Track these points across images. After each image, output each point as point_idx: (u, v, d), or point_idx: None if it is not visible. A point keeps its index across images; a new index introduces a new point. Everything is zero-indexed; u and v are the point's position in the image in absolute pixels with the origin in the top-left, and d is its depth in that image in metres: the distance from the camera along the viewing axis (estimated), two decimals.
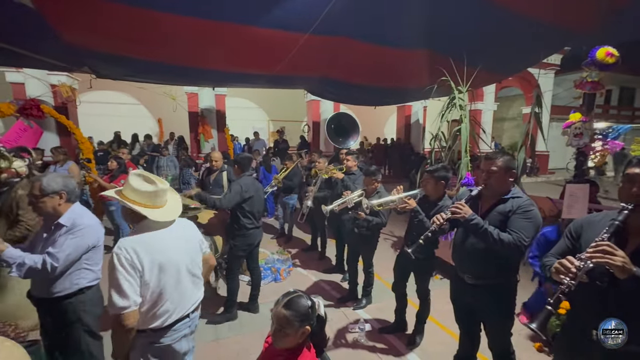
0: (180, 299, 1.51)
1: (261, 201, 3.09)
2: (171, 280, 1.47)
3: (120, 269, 1.32)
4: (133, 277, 1.34)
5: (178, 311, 1.51)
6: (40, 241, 1.66)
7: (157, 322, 1.45)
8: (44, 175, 1.64)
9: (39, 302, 1.72)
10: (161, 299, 1.44)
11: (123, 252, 1.34)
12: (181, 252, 1.54)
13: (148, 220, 1.45)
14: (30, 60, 4.85)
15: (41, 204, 1.59)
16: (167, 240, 1.48)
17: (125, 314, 1.32)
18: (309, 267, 4.27)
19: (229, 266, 3.01)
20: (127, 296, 1.32)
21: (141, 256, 1.36)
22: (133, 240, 1.39)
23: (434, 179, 2.43)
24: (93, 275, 1.77)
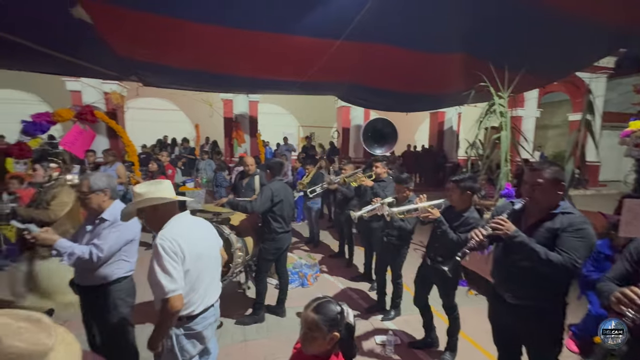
0: (209, 287, 1.63)
1: (291, 206, 3.12)
2: (204, 269, 1.58)
3: (166, 256, 1.41)
4: (177, 263, 1.43)
5: (208, 299, 1.62)
6: (84, 233, 1.81)
7: (191, 308, 1.54)
8: (90, 175, 1.79)
9: (82, 289, 1.86)
10: (196, 286, 1.54)
11: (166, 241, 1.43)
12: (209, 244, 1.65)
13: (176, 219, 1.55)
14: (88, 70, 5.36)
15: (88, 200, 1.74)
16: (197, 234, 1.59)
17: (173, 297, 1.40)
18: (336, 274, 4.23)
19: (257, 268, 3.06)
20: (175, 280, 1.41)
21: (182, 245, 1.46)
22: (170, 232, 1.48)
23: (459, 189, 2.31)
24: (129, 267, 1.90)
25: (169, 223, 1.53)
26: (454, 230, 2.29)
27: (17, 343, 0.69)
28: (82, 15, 3.75)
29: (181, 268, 1.45)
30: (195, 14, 3.91)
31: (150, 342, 1.49)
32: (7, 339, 0.68)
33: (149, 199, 1.48)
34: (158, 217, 1.53)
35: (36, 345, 0.71)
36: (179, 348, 1.54)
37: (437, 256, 2.41)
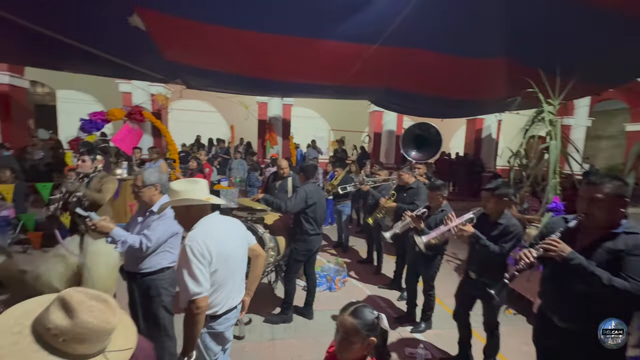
0: (233, 289, 1.64)
1: (323, 208, 3.14)
2: (230, 270, 1.60)
3: (193, 259, 1.44)
4: (204, 266, 1.46)
5: (231, 301, 1.64)
6: (136, 224, 1.95)
7: (216, 308, 1.58)
8: (144, 170, 1.93)
9: (130, 275, 2.00)
10: (221, 287, 1.57)
11: (195, 243, 1.45)
12: (236, 246, 1.66)
13: (206, 218, 1.58)
14: (139, 73, 5.78)
15: (141, 193, 1.88)
16: (225, 234, 1.60)
17: (198, 299, 1.44)
18: (364, 280, 4.17)
19: (287, 269, 3.11)
20: (200, 283, 1.44)
21: (210, 247, 1.48)
22: (200, 233, 1.51)
23: (495, 197, 2.20)
24: (172, 258, 2.01)
25: (200, 223, 1.56)
26: (494, 241, 2.17)
27: (89, 319, 0.76)
28: (137, 23, 4.06)
29: (207, 270, 1.47)
30: (237, 21, 4.08)
31: (185, 346, 1.51)
32: (81, 314, 0.75)
33: (184, 199, 1.52)
34: (190, 217, 1.56)
35: (104, 323, 0.78)
36: (204, 347, 1.59)
37: (481, 270, 2.28)
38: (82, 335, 0.75)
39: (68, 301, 0.75)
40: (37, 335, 0.75)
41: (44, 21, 3.81)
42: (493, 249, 2.14)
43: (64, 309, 0.75)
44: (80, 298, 0.77)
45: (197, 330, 1.50)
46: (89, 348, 0.77)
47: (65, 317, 0.74)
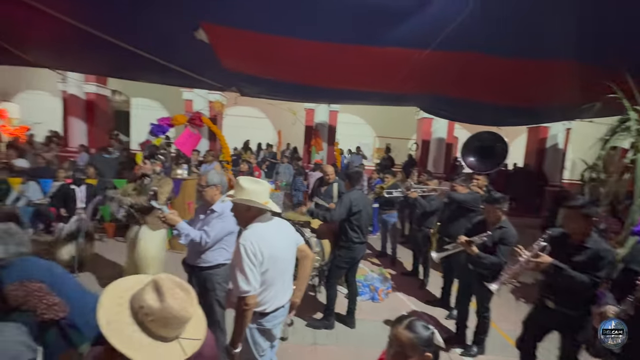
0: (282, 288, 1.69)
1: (369, 216, 3.09)
2: (279, 271, 1.65)
3: (246, 258, 1.51)
4: (255, 266, 1.53)
5: (279, 300, 1.69)
6: (198, 221, 2.11)
7: (265, 306, 1.64)
8: (209, 172, 2.09)
9: (190, 268, 2.16)
10: (271, 286, 1.63)
11: (248, 243, 1.53)
12: (285, 247, 1.71)
13: (260, 218, 1.64)
14: (200, 82, 6.31)
15: (204, 192, 2.04)
16: (276, 236, 1.66)
17: (247, 297, 1.52)
18: (409, 294, 4.00)
19: (329, 274, 3.11)
20: (250, 282, 1.51)
21: (262, 248, 1.55)
22: (254, 234, 1.58)
23: (582, 216, 1.91)
24: (228, 255, 2.13)
25: (255, 223, 1.63)
26: (580, 268, 1.87)
27: (174, 305, 0.84)
28: (202, 37, 4.44)
29: (258, 270, 1.54)
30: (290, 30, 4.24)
31: (233, 338, 1.59)
32: (168, 299, 0.83)
33: (249, 200, 1.58)
34: (249, 215, 1.64)
35: (183, 311, 0.85)
36: (253, 341, 1.66)
37: (562, 299, 1.99)
38: (166, 319, 0.83)
39: (160, 285, 0.84)
40: (132, 310, 0.85)
41: (126, 38, 4.35)
42: (581, 279, 1.84)
43: (157, 292, 0.84)
44: (169, 284, 0.86)
45: (244, 324, 1.58)
46: (168, 332, 0.85)
47: (157, 299, 0.83)
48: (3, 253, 1.44)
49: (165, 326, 0.84)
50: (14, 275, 1.42)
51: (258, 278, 1.54)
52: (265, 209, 1.64)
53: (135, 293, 0.86)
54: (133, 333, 0.82)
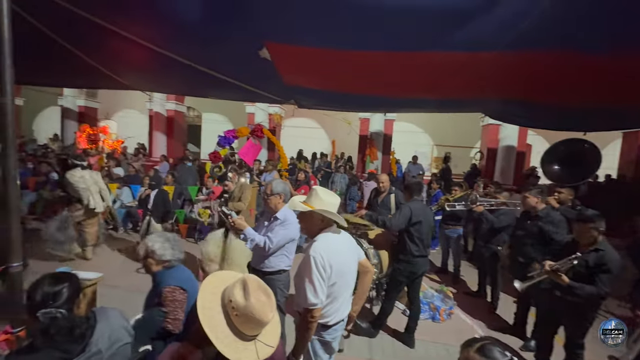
0: (344, 302, 1.68)
1: (431, 228, 2.93)
2: (343, 284, 1.64)
3: (315, 271, 1.52)
4: (324, 279, 1.53)
5: (340, 313, 1.68)
6: (262, 227, 2.23)
7: (328, 319, 1.64)
8: (273, 181, 2.21)
9: (254, 271, 2.28)
10: (335, 299, 1.62)
11: (318, 256, 1.54)
12: (350, 263, 1.70)
13: (328, 231, 1.64)
14: (262, 97, 6.76)
15: (268, 200, 2.15)
16: (343, 250, 1.65)
17: (314, 310, 1.52)
18: (474, 317, 3.66)
19: (388, 288, 3.01)
20: (318, 295, 1.52)
21: (331, 262, 1.55)
22: (324, 246, 1.59)
23: None
24: (288, 262, 2.20)
25: (323, 235, 1.63)
26: None
27: (256, 305, 0.91)
28: (265, 55, 4.78)
29: (326, 284, 1.54)
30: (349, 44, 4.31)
31: (296, 349, 1.60)
32: (252, 298, 0.91)
33: (327, 211, 1.60)
34: (319, 226, 1.66)
35: (263, 314, 0.92)
36: (313, 353, 1.67)
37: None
38: (247, 316, 0.90)
39: (247, 285, 0.93)
40: (223, 301, 0.95)
41: (201, 61, 4.89)
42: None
43: (244, 290, 0.92)
44: (255, 286, 0.94)
45: (308, 336, 1.59)
46: (249, 330, 0.92)
47: (243, 296, 0.91)
48: (170, 256, 1.70)
49: (246, 323, 0.90)
50: (170, 278, 1.67)
51: (325, 291, 1.55)
52: (337, 222, 1.65)
53: (228, 286, 0.96)
54: (220, 322, 0.91)
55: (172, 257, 1.73)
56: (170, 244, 1.74)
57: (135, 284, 3.80)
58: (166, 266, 1.73)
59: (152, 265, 1.73)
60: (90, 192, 4.29)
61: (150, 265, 1.74)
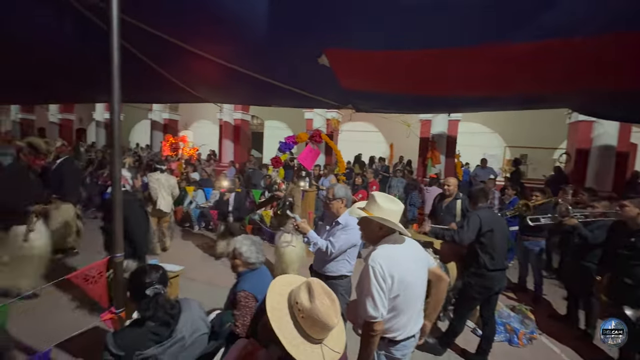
0: (413, 316, 1.57)
1: (505, 238, 2.62)
2: (411, 297, 1.53)
3: (374, 281, 1.44)
4: (384, 292, 1.44)
5: (409, 329, 1.57)
6: (324, 231, 2.25)
7: (394, 333, 1.54)
8: (335, 185, 2.22)
9: (316, 275, 2.31)
10: (401, 313, 1.52)
11: (377, 266, 1.45)
12: (417, 273, 1.57)
13: (389, 239, 1.55)
14: (321, 103, 6.92)
15: (330, 205, 2.16)
16: (407, 260, 1.54)
17: (374, 323, 1.45)
18: (563, 344, 3.15)
19: (458, 305, 2.76)
20: (378, 308, 1.44)
21: (392, 272, 1.45)
22: (384, 256, 1.49)
23: None
24: (350, 267, 2.18)
25: (384, 244, 1.55)
26: None
27: (320, 308, 0.91)
28: (324, 62, 4.88)
29: (386, 296, 1.45)
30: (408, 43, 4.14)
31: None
32: (316, 302, 0.92)
33: (385, 219, 1.52)
34: (379, 234, 1.58)
35: (327, 318, 0.92)
36: None
37: None
38: (313, 319, 0.91)
39: (312, 288, 0.94)
40: (289, 303, 0.98)
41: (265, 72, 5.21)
42: None
43: (309, 293, 0.94)
44: (319, 289, 0.95)
45: (370, 350, 1.52)
46: (315, 333, 0.93)
47: (308, 299, 0.93)
48: (255, 259, 1.85)
49: (312, 326, 0.91)
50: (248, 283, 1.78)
51: (386, 304, 1.46)
52: (398, 229, 1.57)
53: (294, 289, 0.99)
54: (288, 323, 0.93)
55: (257, 260, 1.85)
56: (256, 248, 1.86)
57: (210, 278, 4.18)
58: (250, 268, 1.86)
59: (239, 266, 1.87)
60: (160, 193, 4.86)
61: (237, 266, 1.87)
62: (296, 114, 11.47)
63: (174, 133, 13.27)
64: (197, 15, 4.13)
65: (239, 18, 4.05)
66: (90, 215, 6.56)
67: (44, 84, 5.99)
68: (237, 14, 4.13)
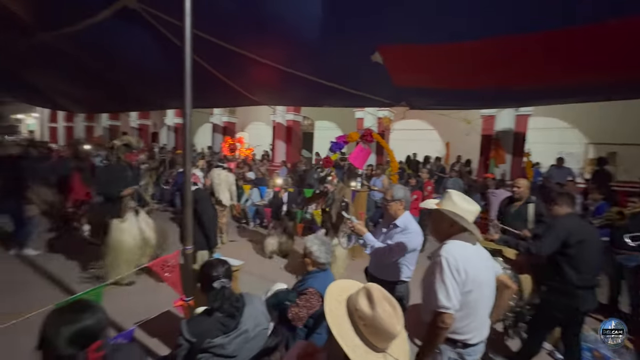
0: (483, 321, 1.51)
1: (598, 251, 2.25)
2: (481, 300, 1.46)
3: (448, 272, 1.40)
4: (457, 283, 1.40)
5: (480, 333, 1.50)
6: (380, 234, 2.18)
7: (469, 335, 1.47)
8: (394, 186, 2.14)
9: (371, 278, 2.25)
10: (472, 314, 1.45)
11: (451, 258, 1.41)
12: (487, 274, 1.51)
13: (459, 237, 1.49)
14: (373, 101, 6.78)
15: (389, 206, 2.09)
16: (478, 261, 1.48)
17: (445, 314, 1.39)
18: None
19: (535, 323, 2.45)
20: (451, 298, 1.39)
21: (466, 266, 1.40)
22: (458, 250, 1.44)
23: None
24: (408, 273, 2.08)
25: (455, 241, 1.50)
26: None
27: (382, 315, 0.87)
28: (377, 59, 4.76)
29: (459, 289, 1.39)
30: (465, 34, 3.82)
31: (419, 355, 1.51)
32: (378, 309, 0.88)
33: (459, 215, 1.48)
34: (449, 231, 1.53)
35: (390, 326, 0.87)
36: None
37: None
38: (375, 327, 0.87)
39: (372, 294, 0.91)
40: (348, 310, 0.96)
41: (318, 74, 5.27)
42: None
43: (369, 299, 0.91)
44: (379, 295, 0.91)
45: (435, 343, 1.47)
46: (377, 341, 0.89)
47: (369, 306, 0.90)
48: (324, 259, 1.93)
49: (375, 335, 0.88)
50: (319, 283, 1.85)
51: (459, 296, 1.41)
52: (469, 230, 1.50)
53: (351, 294, 0.96)
54: (349, 331, 0.91)
55: (326, 260, 1.90)
56: (325, 248, 1.91)
57: (264, 273, 4.37)
58: (319, 267, 1.91)
59: (308, 265, 1.93)
60: (221, 188, 5.25)
61: (307, 265, 1.94)
62: (347, 114, 11.43)
63: (231, 135, 14.23)
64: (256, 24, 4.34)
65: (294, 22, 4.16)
66: (161, 209, 7.37)
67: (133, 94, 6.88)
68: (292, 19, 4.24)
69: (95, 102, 8.62)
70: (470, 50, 4.27)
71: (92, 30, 4.17)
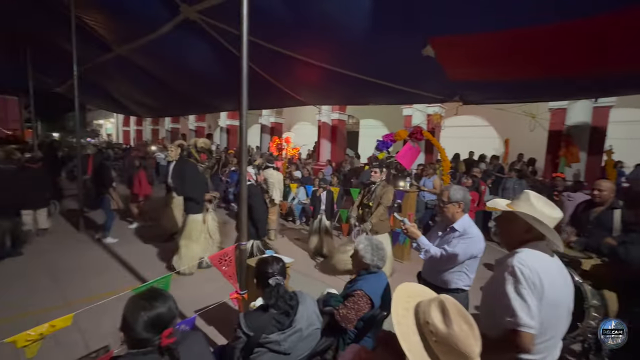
0: (557, 341, 1.31)
1: None
2: (558, 318, 1.28)
3: (525, 284, 1.21)
4: (535, 298, 1.21)
5: (553, 354, 1.30)
6: (435, 237, 2.05)
7: (541, 355, 1.27)
8: (452, 187, 1.99)
9: (425, 284, 2.13)
10: (548, 332, 1.26)
11: (526, 268, 1.22)
12: (567, 292, 1.31)
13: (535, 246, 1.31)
14: (423, 97, 6.46)
15: (445, 208, 1.95)
16: (557, 274, 1.28)
17: (525, 333, 1.19)
18: None
19: (624, 348, 2.11)
20: (533, 313, 1.19)
21: (542, 279, 1.22)
22: (533, 259, 1.25)
23: None
24: (468, 281, 1.92)
25: (529, 249, 1.31)
26: None
27: (459, 335, 0.80)
28: (429, 53, 4.50)
29: (537, 304, 1.20)
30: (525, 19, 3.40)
31: None
32: (454, 327, 0.81)
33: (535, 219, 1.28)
34: (524, 237, 1.33)
35: (468, 347, 0.80)
36: None
37: None
38: (449, 347, 0.80)
39: (447, 308, 0.83)
40: (417, 320, 0.89)
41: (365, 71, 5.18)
42: None
43: (442, 313, 0.84)
44: (454, 310, 0.84)
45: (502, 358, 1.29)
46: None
47: (443, 321, 0.82)
48: (369, 260, 1.90)
49: (449, 354, 0.80)
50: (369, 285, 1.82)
51: (538, 314, 1.21)
52: (548, 238, 1.31)
53: (422, 304, 0.90)
54: (418, 345, 0.84)
55: (371, 261, 1.87)
56: (372, 249, 1.88)
57: (309, 271, 4.43)
58: (365, 268, 1.88)
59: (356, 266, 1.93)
60: (274, 186, 5.45)
61: (355, 265, 1.94)
62: (393, 111, 11.07)
63: (279, 135, 14.71)
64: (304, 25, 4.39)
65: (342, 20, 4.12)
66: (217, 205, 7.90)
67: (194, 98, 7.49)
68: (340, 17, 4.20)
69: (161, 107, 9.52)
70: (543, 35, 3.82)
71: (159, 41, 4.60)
